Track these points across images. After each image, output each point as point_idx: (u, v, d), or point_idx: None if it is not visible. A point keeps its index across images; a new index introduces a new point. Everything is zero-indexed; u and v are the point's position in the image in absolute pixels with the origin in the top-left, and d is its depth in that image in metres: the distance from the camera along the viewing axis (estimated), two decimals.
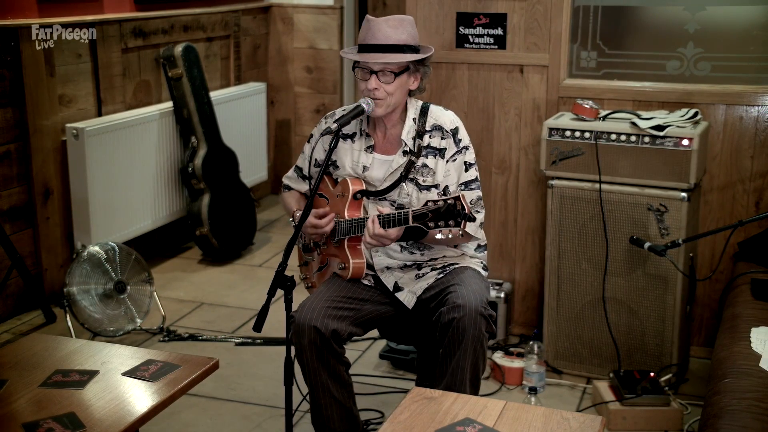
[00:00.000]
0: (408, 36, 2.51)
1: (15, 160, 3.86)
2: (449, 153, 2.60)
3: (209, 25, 5.15)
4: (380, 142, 2.66)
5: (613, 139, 3.16)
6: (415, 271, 2.66)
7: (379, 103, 2.54)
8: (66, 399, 2.07)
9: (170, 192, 4.69)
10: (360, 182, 2.64)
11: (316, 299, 2.53)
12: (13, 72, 3.79)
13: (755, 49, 3.33)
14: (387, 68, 2.49)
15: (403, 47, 2.49)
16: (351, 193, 2.61)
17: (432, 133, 2.61)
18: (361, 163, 2.65)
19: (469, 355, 2.45)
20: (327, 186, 2.75)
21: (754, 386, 2.28)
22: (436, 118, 2.62)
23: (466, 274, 2.57)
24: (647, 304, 3.21)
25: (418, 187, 2.60)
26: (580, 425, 2.01)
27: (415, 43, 2.53)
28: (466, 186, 2.62)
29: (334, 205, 2.69)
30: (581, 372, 3.37)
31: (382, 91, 2.51)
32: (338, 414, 2.58)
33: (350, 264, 2.61)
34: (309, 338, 2.46)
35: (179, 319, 3.97)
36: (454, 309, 2.43)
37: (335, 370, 2.53)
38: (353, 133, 2.69)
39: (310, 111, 5.89)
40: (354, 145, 2.68)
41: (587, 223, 3.25)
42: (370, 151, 2.66)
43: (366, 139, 2.66)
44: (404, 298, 2.63)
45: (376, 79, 2.51)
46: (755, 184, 3.35)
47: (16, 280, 3.85)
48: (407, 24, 2.53)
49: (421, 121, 2.62)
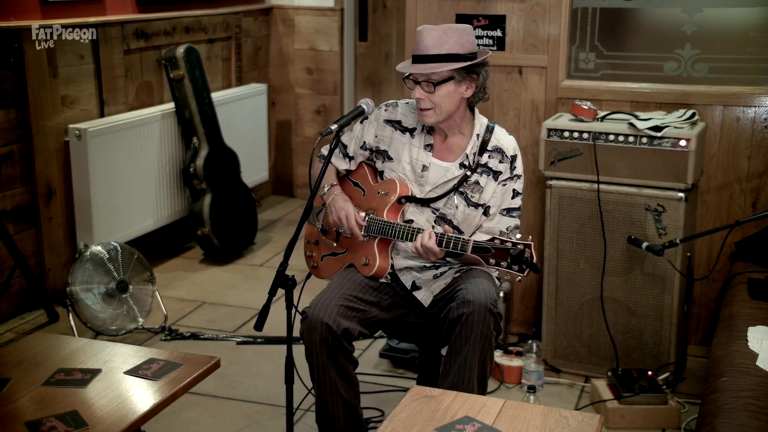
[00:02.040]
0: (453, 45, 2.48)
1: (18, 161, 3.88)
2: (503, 177, 2.62)
3: (211, 27, 5.17)
4: (438, 145, 2.65)
5: (611, 140, 3.18)
6: (433, 271, 2.67)
7: (426, 112, 2.54)
8: (69, 397, 2.07)
9: (172, 192, 4.71)
10: (407, 187, 2.64)
11: (329, 297, 2.53)
12: (17, 73, 3.81)
13: (752, 50, 3.35)
14: (427, 79, 2.50)
15: (447, 56, 2.47)
16: (397, 196, 2.62)
17: (492, 154, 2.62)
18: (420, 162, 2.64)
19: (477, 351, 2.45)
20: (367, 177, 2.73)
21: (751, 385, 2.29)
22: (499, 141, 2.63)
23: (477, 274, 2.59)
24: (645, 303, 3.23)
25: (467, 202, 2.61)
26: (578, 424, 2.02)
27: (464, 51, 2.49)
28: (508, 212, 2.65)
29: (369, 199, 2.68)
30: (580, 371, 3.38)
31: (427, 101, 2.52)
32: (344, 412, 2.58)
33: (376, 263, 2.62)
34: (321, 335, 2.46)
35: (181, 318, 3.99)
36: (463, 305, 2.44)
37: (344, 369, 2.53)
38: (413, 127, 2.67)
39: (310, 112, 5.91)
40: (413, 141, 2.66)
41: (585, 223, 3.27)
42: (429, 150, 2.65)
43: (426, 136, 2.65)
44: (422, 297, 2.65)
45: (419, 89, 2.52)
46: (752, 185, 3.37)
47: (19, 280, 3.86)
48: (452, 33, 2.49)
49: (485, 138, 2.62)
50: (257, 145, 5.51)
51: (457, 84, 2.52)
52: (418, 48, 2.50)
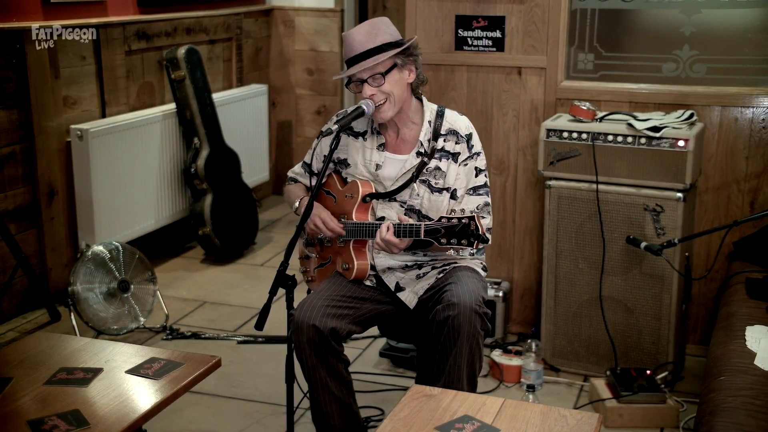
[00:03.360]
0: (384, 35, 2.53)
1: (20, 161, 3.89)
2: (462, 157, 2.64)
3: (212, 28, 5.19)
4: (392, 141, 2.69)
5: (610, 140, 3.19)
6: (416, 271, 2.69)
7: (382, 107, 2.56)
8: (70, 396, 2.08)
9: (173, 192, 4.72)
10: (370, 185, 2.66)
11: (315, 298, 2.55)
12: (19, 74, 3.82)
13: (750, 51, 3.36)
14: (374, 72, 2.53)
15: (382, 47, 2.52)
16: (360, 195, 2.64)
17: (447, 137, 2.64)
18: (373, 162, 2.67)
19: (465, 353, 2.47)
20: (335, 184, 2.76)
21: (749, 384, 2.30)
22: (452, 123, 2.66)
23: (463, 273, 2.60)
24: (644, 302, 3.24)
25: (431, 189, 2.63)
26: (577, 422, 2.02)
27: (394, 40, 2.55)
28: (474, 191, 2.66)
29: (341, 204, 2.71)
30: (578, 370, 3.40)
31: (380, 94, 2.55)
32: (338, 411, 2.60)
33: (354, 265, 2.64)
34: (308, 336, 2.48)
35: (182, 317, 4.00)
36: (448, 307, 2.46)
37: (334, 368, 2.55)
38: (364, 131, 2.71)
39: (311, 112, 5.93)
40: (366, 143, 2.70)
41: (584, 223, 3.28)
42: (382, 149, 2.68)
43: (377, 137, 2.69)
44: (406, 298, 2.66)
45: (368, 86, 2.54)
46: (750, 185, 3.38)
47: (21, 279, 3.88)
48: (378, 24, 2.56)
49: (436, 123, 2.65)
50: (258, 145, 5.52)
51: (400, 70, 2.56)
52: (353, 49, 2.54)
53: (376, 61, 2.51)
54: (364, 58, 2.52)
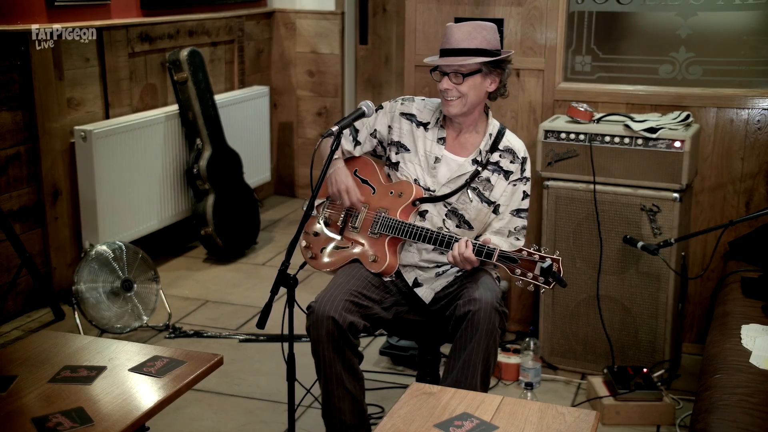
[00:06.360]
0: (482, 41, 2.57)
1: (25, 162, 3.92)
2: (513, 177, 2.69)
3: (214, 30, 5.21)
4: (451, 140, 2.72)
5: (607, 141, 3.22)
6: (435, 270, 2.72)
7: (453, 102, 2.60)
8: (74, 394, 2.08)
9: (176, 193, 4.74)
10: (422, 190, 2.70)
11: (335, 291, 2.55)
12: (23, 76, 3.85)
13: (745, 53, 3.38)
14: (457, 70, 2.57)
15: (476, 51, 2.56)
16: (412, 198, 2.67)
17: (503, 154, 2.69)
18: (433, 154, 2.70)
19: (481, 349, 2.47)
20: (377, 175, 2.77)
21: (745, 382, 2.31)
22: (510, 142, 2.72)
23: (481, 274, 2.63)
24: (640, 301, 3.26)
25: (480, 197, 2.67)
26: (574, 420, 2.03)
27: (491, 48, 2.59)
28: (518, 213, 2.72)
29: (380, 198, 2.72)
30: (576, 368, 3.42)
31: (455, 90, 2.59)
32: (350, 407, 2.59)
33: (386, 261, 2.66)
34: (327, 329, 2.48)
35: (185, 316, 4.02)
36: (470, 302, 2.48)
37: (350, 362, 2.55)
38: (427, 122, 2.74)
39: (312, 114, 5.95)
40: (427, 134, 2.73)
41: (582, 223, 3.31)
42: (442, 143, 2.71)
43: (439, 130, 2.72)
44: (423, 294, 2.69)
45: (447, 80, 2.59)
46: (745, 185, 3.41)
47: (25, 279, 3.90)
48: (482, 29, 2.60)
49: (496, 138, 2.70)
50: (259, 146, 5.54)
51: (483, 77, 2.61)
52: (449, 42, 2.59)
53: (463, 62, 2.56)
54: (455, 54, 2.57)
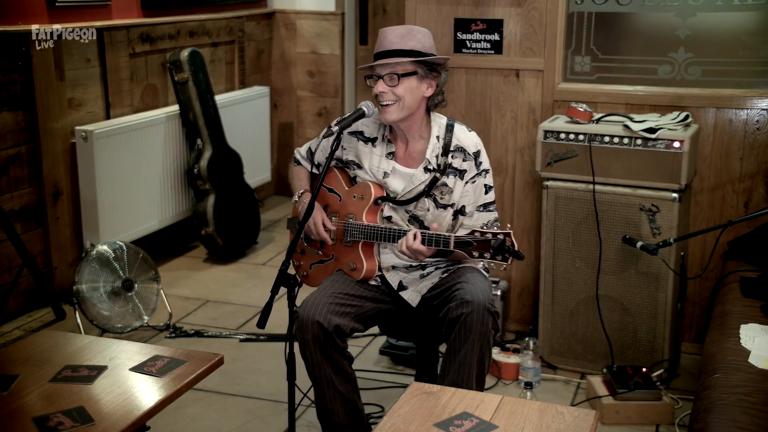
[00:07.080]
0: (416, 43, 2.55)
1: (26, 162, 3.93)
2: (469, 175, 2.65)
3: (214, 31, 5.22)
4: (401, 153, 2.70)
5: (607, 142, 3.22)
6: (419, 271, 2.71)
7: (388, 108, 2.56)
8: (75, 394, 2.08)
9: (176, 193, 4.75)
10: (382, 189, 2.69)
11: (319, 295, 2.57)
12: (24, 76, 3.86)
13: (744, 53, 3.38)
14: (392, 71, 2.54)
15: (409, 53, 2.54)
16: (373, 198, 2.66)
17: (454, 154, 2.65)
18: (381, 169, 2.69)
19: (475, 350, 2.48)
20: (340, 182, 2.77)
21: (743, 381, 2.32)
22: (460, 140, 2.66)
23: (471, 273, 2.62)
24: (639, 301, 3.27)
25: (436, 203, 2.65)
26: (574, 419, 2.04)
27: (425, 51, 2.56)
28: (485, 207, 2.68)
29: (346, 204, 2.72)
30: (575, 367, 3.42)
31: (390, 94, 2.55)
32: (343, 407, 2.61)
33: (364, 266, 2.66)
34: (312, 333, 2.49)
35: (185, 316, 4.03)
36: (462, 305, 2.48)
37: (339, 364, 2.56)
38: (374, 137, 2.72)
39: (312, 114, 5.96)
40: (375, 150, 2.71)
41: (581, 223, 3.31)
42: (391, 158, 2.69)
43: (387, 145, 2.70)
44: (408, 297, 2.68)
45: (382, 83, 2.55)
46: (744, 185, 3.41)
47: (27, 279, 3.91)
48: (416, 33, 2.57)
49: (445, 139, 2.66)
50: (260, 146, 5.55)
51: (419, 80, 2.57)
52: (382, 45, 2.56)
53: (397, 62, 2.53)
54: (390, 56, 2.54)
